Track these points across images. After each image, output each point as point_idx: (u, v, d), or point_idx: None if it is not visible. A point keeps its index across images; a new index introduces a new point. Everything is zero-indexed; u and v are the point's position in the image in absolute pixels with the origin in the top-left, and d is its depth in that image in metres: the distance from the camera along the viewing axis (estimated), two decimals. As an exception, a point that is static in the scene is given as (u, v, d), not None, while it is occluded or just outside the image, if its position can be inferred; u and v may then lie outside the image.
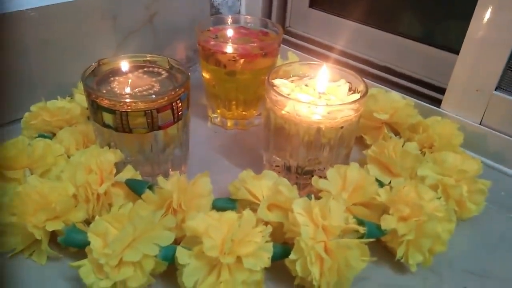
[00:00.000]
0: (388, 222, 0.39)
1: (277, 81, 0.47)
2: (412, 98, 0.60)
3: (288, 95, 0.45)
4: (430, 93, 0.65)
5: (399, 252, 0.39)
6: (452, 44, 0.62)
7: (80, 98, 0.55)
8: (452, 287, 0.39)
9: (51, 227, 0.37)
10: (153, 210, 0.38)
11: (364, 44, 0.73)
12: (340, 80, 0.49)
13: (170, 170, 0.48)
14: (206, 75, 0.58)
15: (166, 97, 0.42)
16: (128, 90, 0.44)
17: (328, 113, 0.43)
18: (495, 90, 0.55)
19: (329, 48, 0.77)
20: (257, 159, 0.54)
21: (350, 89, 0.48)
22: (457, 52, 0.58)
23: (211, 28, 0.58)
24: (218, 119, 0.61)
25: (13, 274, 0.38)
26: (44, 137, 0.48)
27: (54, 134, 0.50)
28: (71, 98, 0.56)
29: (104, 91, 0.43)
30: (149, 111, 0.41)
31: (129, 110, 0.41)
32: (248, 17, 0.61)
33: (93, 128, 0.45)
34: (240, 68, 0.54)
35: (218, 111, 0.60)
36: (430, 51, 0.66)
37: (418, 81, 0.67)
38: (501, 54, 0.53)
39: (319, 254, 0.35)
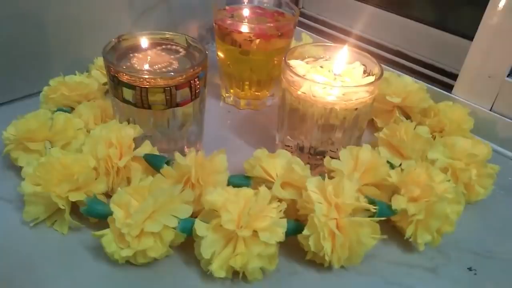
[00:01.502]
0: (399, 202, 0.40)
1: (292, 62, 0.48)
2: (423, 83, 0.61)
3: (304, 75, 0.46)
4: (441, 78, 0.65)
5: (408, 231, 0.40)
6: (465, 30, 0.63)
7: (97, 73, 0.56)
8: (458, 267, 0.41)
9: (74, 197, 0.38)
10: (172, 184, 0.40)
11: (377, 27, 0.73)
12: (355, 62, 0.49)
13: (186, 147, 0.49)
14: (221, 54, 0.58)
15: (184, 75, 0.42)
16: (147, 66, 0.45)
17: (343, 94, 0.44)
18: (507, 76, 0.56)
19: (342, 31, 0.77)
20: (269, 139, 0.55)
21: (364, 72, 0.48)
22: (469, 37, 0.58)
23: (227, 7, 0.59)
24: (231, 98, 0.62)
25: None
26: (63, 111, 0.49)
27: (73, 109, 0.51)
28: (88, 74, 0.57)
29: (124, 67, 0.43)
30: (168, 88, 0.42)
31: (149, 86, 0.42)
32: (264, -4, 0.61)
33: (112, 104, 0.46)
34: (255, 48, 0.54)
35: (232, 90, 0.61)
36: (443, 36, 0.66)
37: (430, 66, 0.67)
38: (515, 41, 0.54)
39: (331, 230, 0.36)
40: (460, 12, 0.67)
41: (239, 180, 0.43)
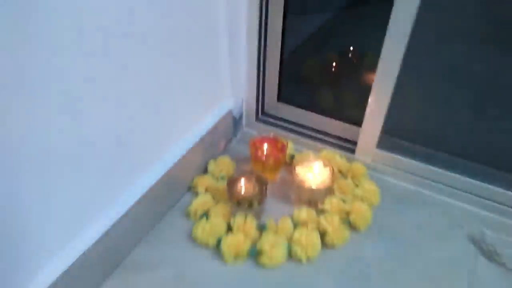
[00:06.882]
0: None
1: (298, 169, 1.17)
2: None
3: (301, 175, 1.16)
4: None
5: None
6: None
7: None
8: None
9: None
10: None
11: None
12: (316, 162, 1.20)
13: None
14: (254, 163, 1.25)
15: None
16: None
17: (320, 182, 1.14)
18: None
19: (293, 124, 1.45)
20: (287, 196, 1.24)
21: (325, 166, 1.19)
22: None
23: (256, 140, 1.25)
24: (259, 180, 1.29)
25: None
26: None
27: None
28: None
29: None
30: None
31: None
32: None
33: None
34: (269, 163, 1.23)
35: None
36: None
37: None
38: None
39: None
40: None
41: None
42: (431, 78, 1.35)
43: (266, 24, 1.26)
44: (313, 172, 1.18)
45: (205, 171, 1.29)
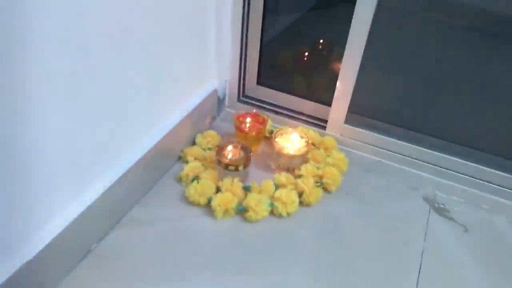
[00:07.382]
0: (322, 179, 1.30)
1: (277, 139, 1.33)
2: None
3: (280, 143, 1.32)
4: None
5: (326, 187, 1.30)
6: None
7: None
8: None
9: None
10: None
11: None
12: (294, 133, 1.36)
13: (244, 177, 1.31)
14: (237, 135, 1.40)
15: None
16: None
17: (297, 149, 1.31)
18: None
19: (271, 105, 1.62)
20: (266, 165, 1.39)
21: (301, 137, 1.36)
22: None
23: (240, 115, 1.40)
24: (242, 152, 1.44)
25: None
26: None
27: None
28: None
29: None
30: (244, 159, 1.24)
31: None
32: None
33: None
34: (252, 134, 1.38)
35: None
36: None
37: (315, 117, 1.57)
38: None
39: (307, 192, 1.24)
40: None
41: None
42: (388, 65, 1.55)
43: (248, 17, 1.43)
44: (291, 140, 1.34)
45: (193, 143, 1.43)
